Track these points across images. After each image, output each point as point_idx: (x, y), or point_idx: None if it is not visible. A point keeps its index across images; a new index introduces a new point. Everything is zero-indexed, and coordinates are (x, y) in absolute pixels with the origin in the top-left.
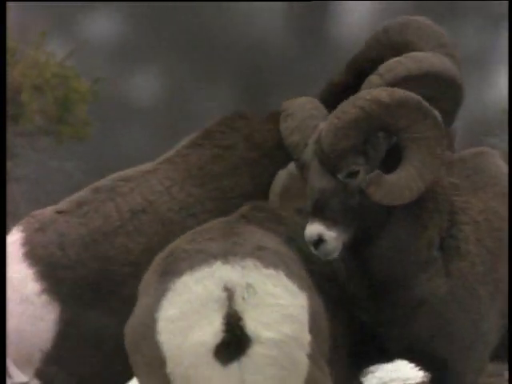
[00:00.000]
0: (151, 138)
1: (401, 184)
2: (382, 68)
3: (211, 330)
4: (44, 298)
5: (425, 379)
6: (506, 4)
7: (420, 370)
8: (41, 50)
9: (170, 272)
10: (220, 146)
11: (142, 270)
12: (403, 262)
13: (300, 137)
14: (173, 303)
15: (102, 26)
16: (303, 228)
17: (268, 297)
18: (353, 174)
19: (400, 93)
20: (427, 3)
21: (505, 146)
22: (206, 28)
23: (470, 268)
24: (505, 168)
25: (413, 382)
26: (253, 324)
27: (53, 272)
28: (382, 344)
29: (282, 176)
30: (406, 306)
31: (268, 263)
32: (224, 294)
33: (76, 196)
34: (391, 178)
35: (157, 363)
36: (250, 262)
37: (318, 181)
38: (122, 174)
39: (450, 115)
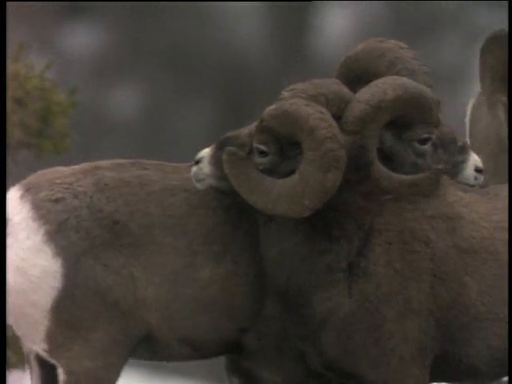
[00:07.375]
0: (130, 152)
1: (263, 189)
2: None
3: None
4: None
5: None
6: (484, 19)
7: None
8: (20, 63)
9: None
10: None
11: None
12: (296, 279)
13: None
14: None
15: (81, 38)
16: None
17: (16, 243)
18: (258, 151)
19: (294, 107)
20: (406, 17)
21: None
22: (187, 42)
23: (374, 289)
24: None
25: None
26: None
27: None
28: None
29: None
30: (310, 324)
31: (45, 218)
32: (7, 219)
33: None
34: (261, 177)
35: None
36: (30, 206)
37: (245, 129)
38: None
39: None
